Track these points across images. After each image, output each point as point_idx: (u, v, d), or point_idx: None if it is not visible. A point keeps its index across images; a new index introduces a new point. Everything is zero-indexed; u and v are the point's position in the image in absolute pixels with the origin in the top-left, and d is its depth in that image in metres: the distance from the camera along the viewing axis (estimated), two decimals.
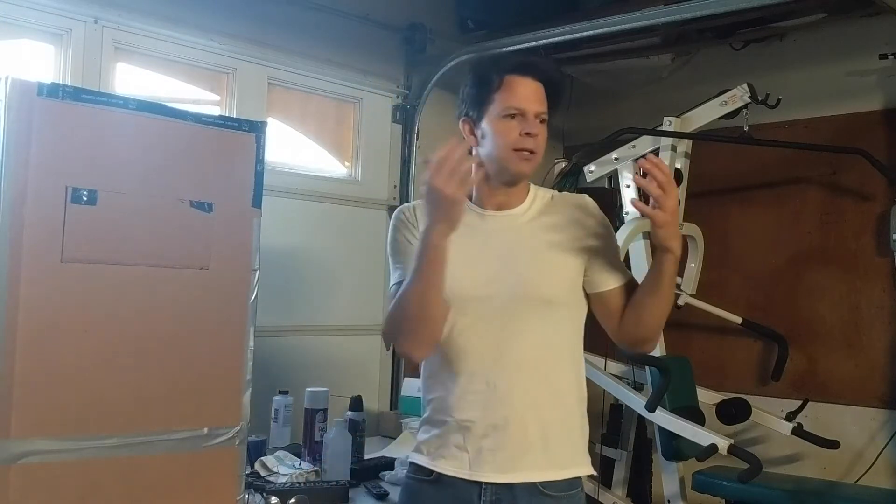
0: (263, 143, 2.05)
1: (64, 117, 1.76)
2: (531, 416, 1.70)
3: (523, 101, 1.71)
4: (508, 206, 1.78)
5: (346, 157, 3.55)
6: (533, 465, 1.69)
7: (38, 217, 1.72)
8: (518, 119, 1.70)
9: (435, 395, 1.75)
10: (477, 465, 1.68)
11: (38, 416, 1.71)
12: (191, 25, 2.92)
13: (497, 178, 1.76)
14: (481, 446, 1.68)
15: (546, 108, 1.74)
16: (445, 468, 1.71)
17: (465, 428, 1.69)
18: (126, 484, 1.82)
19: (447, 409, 1.72)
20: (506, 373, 1.69)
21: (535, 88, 1.73)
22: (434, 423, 1.75)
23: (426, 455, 1.75)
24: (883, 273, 3.40)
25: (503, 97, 1.71)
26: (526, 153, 1.71)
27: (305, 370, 3.11)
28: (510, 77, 1.72)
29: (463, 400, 1.70)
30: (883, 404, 3.36)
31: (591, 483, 3.42)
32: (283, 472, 2.42)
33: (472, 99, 1.77)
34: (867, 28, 3.39)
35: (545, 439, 1.70)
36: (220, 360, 1.97)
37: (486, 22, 3.71)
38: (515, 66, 1.74)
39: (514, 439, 1.69)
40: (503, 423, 1.68)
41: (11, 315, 1.68)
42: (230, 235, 1.99)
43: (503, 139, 1.71)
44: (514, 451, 1.69)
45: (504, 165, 1.73)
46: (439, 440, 1.73)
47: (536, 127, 1.71)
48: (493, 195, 1.78)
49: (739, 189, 3.77)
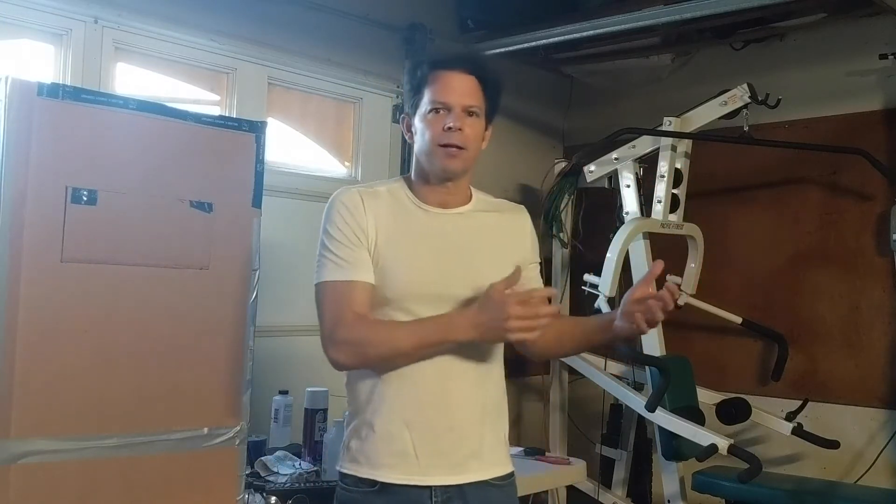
0: (263, 143, 2.06)
1: (64, 117, 1.77)
2: (479, 416, 1.69)
3: (448, 95, 1.66)
4: (451, 204, 1.74)
5: (346, 157, 3.55)
6: (481, 465, 1.68)
7: (38, 217, 1.72)
8: (443, 113, 1.66)
9: (374, 399, 1.66)
10: (428, 469, 1.63)
11: (38, 416, 1.71)
12: (191, 25, 2.92)
13: (431, 174, 1.71)
14: (432, 450, 1.64)
15: (478, 101, 1.68)
16: (391, 476, 1.63)
17: (413, 431, 1.63)
18: (126, 484, 1.82)
19: (392, 413, 1.64)
20: (454, 374, 1.66)
21: (462, 81, 1.68)
22: (372, 428, 1.65)
23: (365, 465, 1.65)
24: (883, 273, 3.40)
25: (429, 92, 1.68)
26: (452, 149, 1.65)
27: (305, 370, 3.10)
28: (437, 72, 1.68)
29: (413, 402, 1.64)
30: (883, 404, 3.36)
31: (590, 483, 3.42)
32: (283, 472, 2.42)
33: (406, 95, 1.75)
34: (867, 28, 3.40)
35: (490, 438, 1.70)
36: (220, 360, 1.97)
37: (486, 22, 3.71)
38: (442, 60, 1.70)
39: (464, 440, 1.66)
40: (455, 425, 1.65)
41: (11, 315, 1.68)
42: (230, 235, 1.99)
43: (428, 134, 1.67)
44: (464, 452, 1.66)
45: (431, 161, 1.68)
46: (381, 447, 1.65)
47: (461, 120, 1.65)
48: (433, 192, 1.73)
49: (739, 189, 3.77)
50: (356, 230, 1.65)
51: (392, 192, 1.74)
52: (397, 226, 1.69)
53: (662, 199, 3.32)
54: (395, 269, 1.64)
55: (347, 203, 1.68)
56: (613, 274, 3.17)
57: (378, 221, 1.67)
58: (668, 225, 3.35)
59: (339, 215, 1.67)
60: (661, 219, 3.33)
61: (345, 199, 1.69)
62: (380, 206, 1.69)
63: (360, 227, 1.66)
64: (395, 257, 1.65)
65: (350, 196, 1.69)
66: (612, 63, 3.84)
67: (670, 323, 3.52)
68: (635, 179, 3.43)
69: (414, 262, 1.66)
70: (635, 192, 3.42)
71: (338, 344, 1.63)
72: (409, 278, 1.64)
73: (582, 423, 3.73)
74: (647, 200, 3.40)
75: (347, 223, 1.66)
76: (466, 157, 1.68)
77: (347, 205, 1.68)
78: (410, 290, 1.64)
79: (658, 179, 3.35)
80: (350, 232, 1.66)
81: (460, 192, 1.75)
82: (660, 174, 3.33)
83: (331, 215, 1.69)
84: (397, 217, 1.70)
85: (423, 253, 1.68)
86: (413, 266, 1.66)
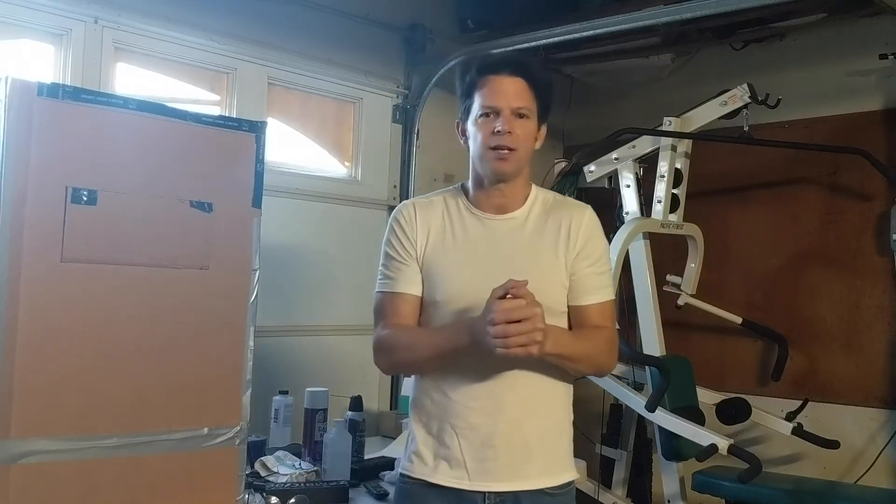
0: (263, 143, 2.05)
1: (64, 117, 1.76)
2: (531, 423, 1.70)
3: (497, 98, 1.69)
4: (507, 208, 1.77)
5: (346, 157, 3.55)
6: (532, 473, 1.70)
7: (38, 217, 1.72)
8: (492, 117, 1.70)
9: (430, 402, 1.73)
10: (477, 475, 1.68)
11: (38, 416, 1.71)
12: (191, 25, 2.92)
13: (485, 178, 1.75)
14: (482, 456, 1.68)
15: (528, 102, 1.71)
16: (444, 479, 1.70)
17: (464, 437, 1.68)
18: (126, 484, 1.82)
19: (445, 417, 1.70)
20: (506, 381, 1.68)
21: (511, 84, 1.70)
22: (429, 429, 1.73)
23: (424, 464, 1.73)
24: (883, 273, 3.40)
25: (479, 96, 1.71)
26: (502, 151, 1.69)
27: (305, 370, 3.11)
28: (487, 76, 1.72)
29: (465, 409, 1.69)
30: (883, 404, 3.36)
31: (590, 483, 3.42)
32: (283, 472, 2.42)
33: (459, 101, 1.78)
34: (867, 28, 3.40)
35: (544, 447, 1.72)
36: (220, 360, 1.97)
37: (486, 22, 3.71)
38: (490, 65, 1.73)
39: (515, 448, 1.69)
40: (505, 431, 1.68)
41: (11, 315, 1.68)
42: (230, 235, 1.99)
43: (479, 138, 1.71)
44: (514, 459, 1.69)
45: (484, 164, 1.72)
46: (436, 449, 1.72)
47: (510, 123, 1.68)
48: (488, 197, 1.76)
49: (739, 189, 3.78)
50: (406, 244, 1.75)
51: (447, 200, 1.80)
52: (446, 233, 1.75)
53: (662, 199, 3.33)
54: (441, 275, 1.70)
55: (400, 218, 1.79)
56: (613, 274, 3.17)
57: (430, 230, 1.76)
58: (668, 225, 3.35)
59: (393, 230, 1.79)
60: (661, 219, 3.33)
61: (399, 214, 1.80)
62: (433, 215, 1.77)
63: (409, 240, 1.75)
64: (442, 263, 1.72)
65: (405, 210, 1.80)
66: (612, 63, 3.84)
67: (670, 323, 3.55)
68: (635, 179, 3.43)
69: (458, 269, 1.71)
70: (635, 192, 3.42)
71: (375, 351, 1.75)
72: (451, 284, 1.70)
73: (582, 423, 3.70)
74: (647, 200, 3.40)
75: (398, 237, 1.77)
76: (517, 159, 1.71)
77: (400, 220, 1.79)
78: (454, 295, 1.70)
79: (658, 179, 3.35)
80: (400, 246, 1.76)
81: (516, 194, 1.77)
82: (660, 174, 3.33)
83: (388, 229, 1.80)
84: (448, 224, 1.76)
85: (468, 260, 1.72)
86: (456, 273, 1.71)
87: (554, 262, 1.73)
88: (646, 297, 3.31)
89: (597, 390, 3.48)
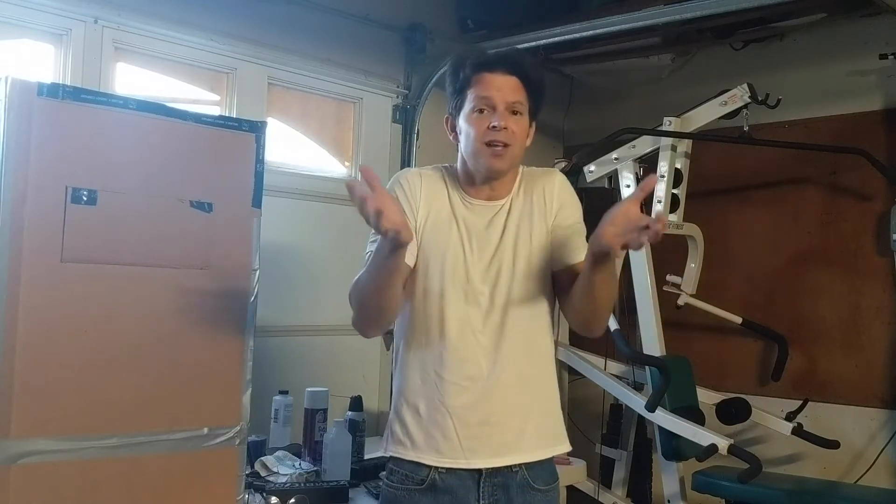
0: (263, 143, 2.05)
1: (64, 117, 1.77)
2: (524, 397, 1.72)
3: (492, 94, 1.68)
4: (495, 197, 1.76)
5: (346, 157, 3.55)
6: (529, 445, 1.72)
7: (38, 217, 1.72)
8: (487, 112, 1.69)
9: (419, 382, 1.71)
10: (471, 453, 1.68)
11: (38, 416, 1.71)
12: (191, 25, 2.92)
13: (476, 174, 1.73)
14: (476, 433, 1.68)
15: (522, 99, 1.71)
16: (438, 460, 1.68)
17: (458, 417, 1.68)
18: (126, 484, 1.82)
19: (437, 397, 1.69)
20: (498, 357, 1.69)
21: (506, 80, 1.70)
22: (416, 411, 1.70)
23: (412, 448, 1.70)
24: (883, 273, 3.40)
25: (473, 92, 1.70)
26: (497, 147, 1.68)
27: (305, 370, 3.11)
28: (481, 73, 1.71)
29: (458, 388, 1.68)
30: (883, 404, 3.36)
31: (590, 483, 3.42)
32: (283, 472, 2.42)
33: (450, 97, 1.77)
34: (867, 28, 3.40)
35: (537, 419, 1.74)
36: (220, 360, 1.97)
37: (486, 22, 3.71)
38: (485, 62, 1.73)
39: (511, 423, 1.70)
40: (501, 409, 1.69)
41: (11, 315, 1.68)
42: (230, 235, 1.99)
43: (473, 133, 1.69)
44: (511, 433, 1.70)
45: (477, 160, 1.70)
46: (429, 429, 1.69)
47: (506, 118, 1.68)
48: (479, 191, 1.75)
49: (739, 189, 3.77)
50: (406, 208, 1.70)
51: (447, 180, 1.78)
52: (440, 215, 1.73)
53: (662, 199, 3.32)
54: (429, 259, 1.70)
55: (403, 182, 1.75)
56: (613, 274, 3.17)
57: (430, 203, 1.74)
58: (668, 225, 3.35)
59: (394, 193, 1.72)
60: None
61: (403, 179, 1.76)
62: (435, 188, 1.75)
63: (409, 206, 1.72)
64: (431, 247, 1.71)
65: (410, 176, 1.77)
66: (612, 63, 3.84)
67: (670, 323, 3.55)
68: (635, 179, 3.43)
69: (444, 255, 1.70)
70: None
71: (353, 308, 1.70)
72: (439, 270, 1.70)
73: (582, 423, 3.72)
74: (646, 200, 3.39)
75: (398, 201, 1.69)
76: (512, 155, 1.70)
77: (403, 184, 1.74)
78: (440, 280, 1.70)
79: (658, 179, 3.35)
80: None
81: (506, 183, 1.77)
82: (660, 174, 3.33)
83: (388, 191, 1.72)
84: (444, 205, 1.75)
85: (454, 246, 1.71)
86: (443, 258, 1.70)
87: (534, 242, 1.74)
88: (646, 296, 3.31)
89: (597, 390, 3.48)
